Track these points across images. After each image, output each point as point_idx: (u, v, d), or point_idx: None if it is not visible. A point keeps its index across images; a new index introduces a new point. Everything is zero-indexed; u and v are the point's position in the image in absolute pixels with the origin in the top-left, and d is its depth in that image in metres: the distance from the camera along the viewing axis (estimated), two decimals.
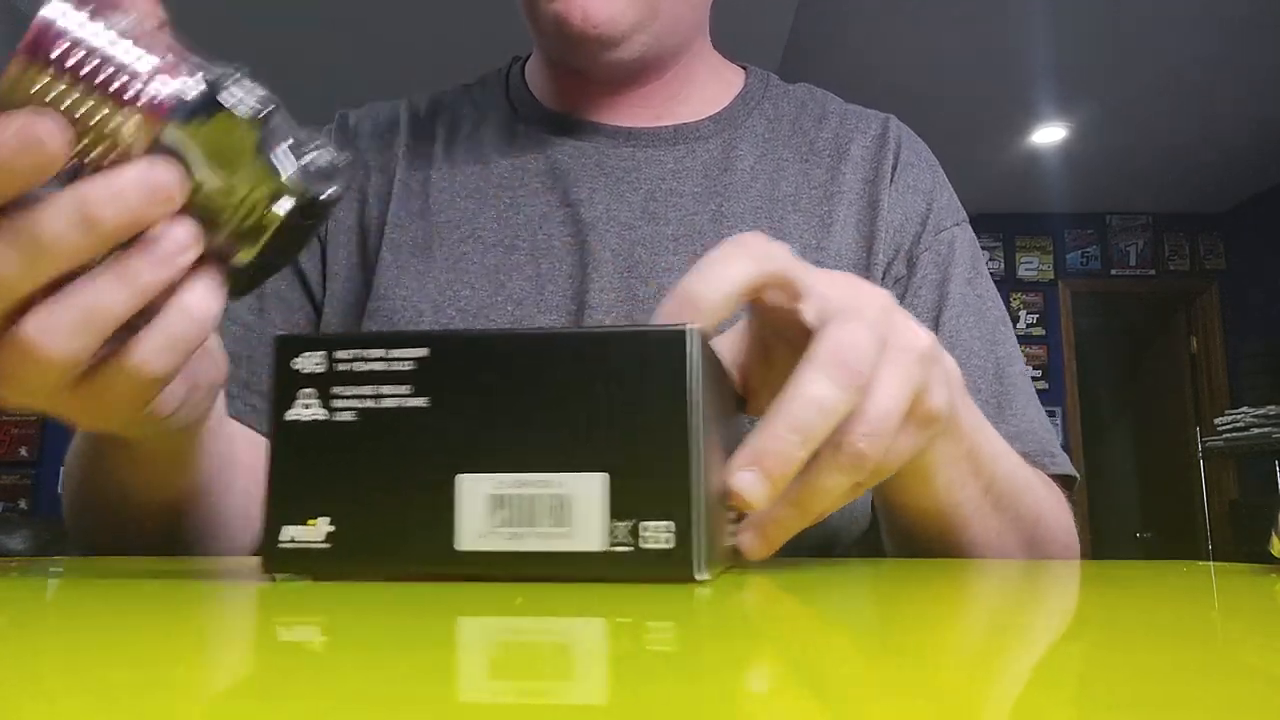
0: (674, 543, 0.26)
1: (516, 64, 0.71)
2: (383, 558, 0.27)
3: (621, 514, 0.26)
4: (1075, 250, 4.69)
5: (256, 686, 0.13)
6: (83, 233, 0.28)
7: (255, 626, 0.22)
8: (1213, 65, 3.19)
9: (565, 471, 0.26)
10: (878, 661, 0.16)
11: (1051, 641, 0.20)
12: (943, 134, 3.89)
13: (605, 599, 0.24)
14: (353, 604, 0.23)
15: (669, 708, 0.11)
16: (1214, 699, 0.13)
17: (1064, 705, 0.13)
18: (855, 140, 0.65)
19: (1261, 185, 4.31)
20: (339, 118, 0.69)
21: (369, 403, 0.27)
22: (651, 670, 0.14)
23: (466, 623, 0.21)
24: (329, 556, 0.27)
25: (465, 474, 0.26)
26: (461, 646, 0.18)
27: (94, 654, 0.16)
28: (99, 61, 0.27)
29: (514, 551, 0.26)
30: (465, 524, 0.26)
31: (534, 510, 0.26)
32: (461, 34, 2.88)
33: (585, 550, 0.26)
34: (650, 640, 0.18)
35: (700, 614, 0.22)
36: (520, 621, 0.21)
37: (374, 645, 0.17)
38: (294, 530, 0.27)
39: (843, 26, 3.01)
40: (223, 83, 0.29)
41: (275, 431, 0.28)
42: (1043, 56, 3.17)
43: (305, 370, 0.28)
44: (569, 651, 0.17)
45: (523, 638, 0.19)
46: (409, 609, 0.22)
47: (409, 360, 0.27)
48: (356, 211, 0.64)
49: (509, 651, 0.17)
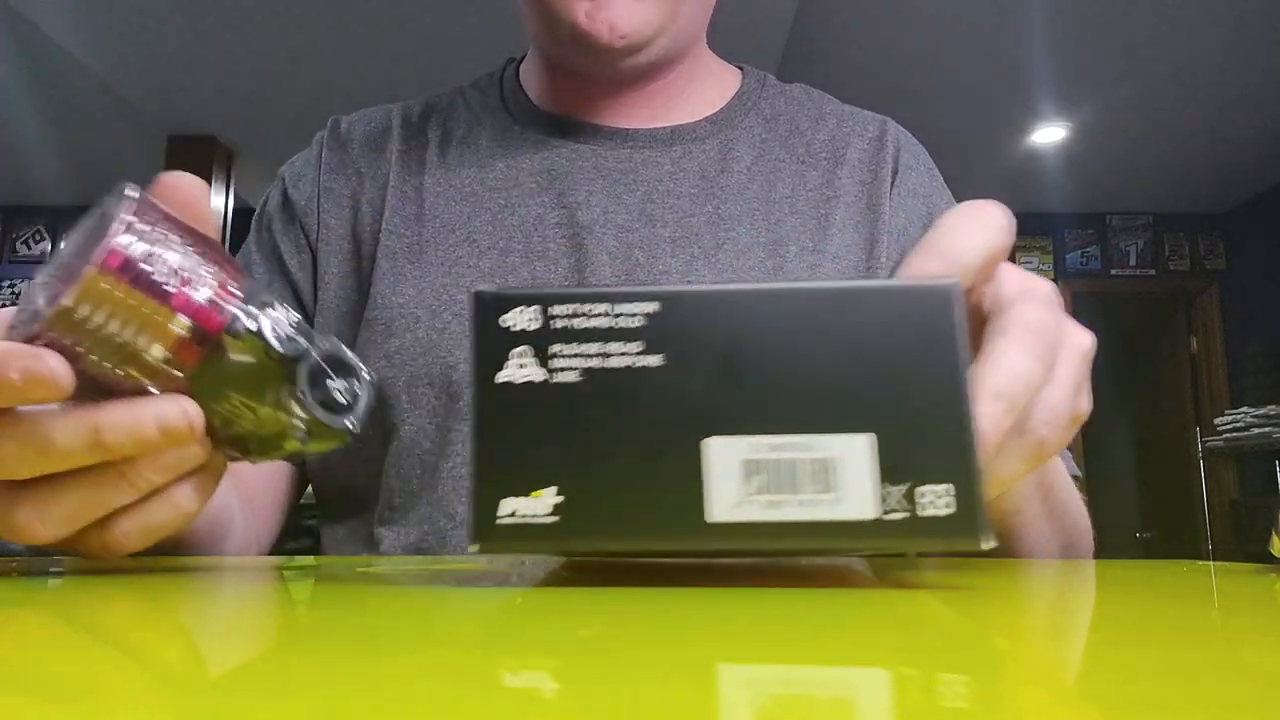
0: (954, 507, 0.23)
1: (511, 66, 0.70)
2: (621, 531, 0.24)
3: (894, 478, 0.24)
4: (1075, 250, 4.69)
5: (257, 685, 0.13)
6: (92, 451, 0.28)
7: (258, 620, 0.22)
8: (1213, 65, 3.19)
9: (826, 433, 0.24)
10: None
11: (1052, 640, 0.20)
12: (943, 134, 3.89)
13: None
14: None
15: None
16: (1214, 699, 0.13)
17: (1063, 704, 0.13)
18: (852, 143, 0.65)
19: (1261, 185, 4.31)
20: (331, 123, 0.68)
21: (594, 361, 0.25)
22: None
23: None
24: (556, 531, 0.24)
25: (713, 437, 0.24)
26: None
27: (94, 654, 0.16)
28: (161, 274, 0.28)
29: (773, 521, 0.24)
30: (716, 493, 0.24)
31: (795, 475, 0.24)
32: (456, 36, 2.88)
33: (856, 518, 0.23)
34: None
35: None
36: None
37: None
38: (515, 503, 0.24)
39: (843, 26, 3.01)
40: (265, 312, 0.30)
41: (484, 394, 0.25)
42: (1043, 56, 3.17)
43: (517, 327, 0.25)
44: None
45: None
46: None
47: (637, 315, 0.25)
48: (349, 219, 0.63)
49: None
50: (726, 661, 0.15)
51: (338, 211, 0.63)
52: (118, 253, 0.27)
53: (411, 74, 3.08)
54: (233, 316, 0.29)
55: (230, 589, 0.29)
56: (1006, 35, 3.04)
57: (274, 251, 0.64)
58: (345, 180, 0.64)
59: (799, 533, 0.24)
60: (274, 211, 0.65)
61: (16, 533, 0.30)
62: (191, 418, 0.28)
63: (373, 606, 0.23)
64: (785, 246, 0.60)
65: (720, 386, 0.24)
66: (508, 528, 0.24)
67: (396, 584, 0.30)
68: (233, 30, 2.90)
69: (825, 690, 0.13)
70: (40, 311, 0.27)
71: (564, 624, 0.20)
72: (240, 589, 0.29)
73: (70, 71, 3.17)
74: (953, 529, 0.23)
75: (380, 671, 0.14)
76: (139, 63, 3.10)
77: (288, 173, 0.67)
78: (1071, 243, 4.68)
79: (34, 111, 3.51)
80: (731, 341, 0.25)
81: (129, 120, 3.55)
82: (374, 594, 0.26)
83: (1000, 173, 4.15)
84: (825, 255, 0.60)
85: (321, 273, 0.62)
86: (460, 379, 0.57)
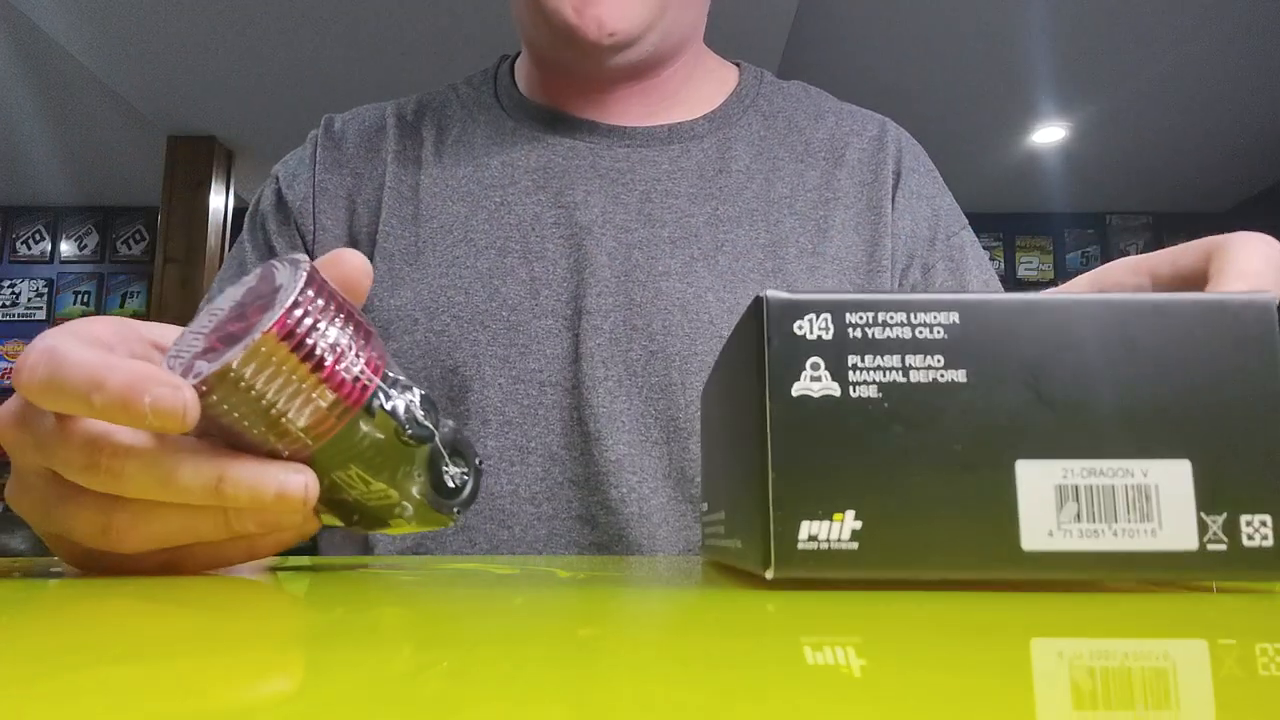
0: (1274, 540, 0.22)
1: (505, 62, 0.69)
2: (927, 559, 0.23)
3: (1213, 506, 0.22)
4: (1075, 250, 4.69)
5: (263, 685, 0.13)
6: (208, 496, 0.28)
7: (257, 620, 0.22)
8: (1213, 65, 3.19)
9: (1141, 457, 0.23)
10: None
11: (1050, 641, 0.20)
12: (943, 134, 3.89)
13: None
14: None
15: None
16: (1213, 698, 0.13)
17: (1063, 704, 0.13)
18: (851, 143, 0.64)
19: (1261, 185, 4.31)
20: (325, 121, 0.67)
21: (895, 375, 0.23)
22: None
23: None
24: (857, 558, 0.23)
25: (1025, 459, 0.23)
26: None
27: (95, 653, 0.16)
28: (321, 348, 0.28)
29: (1089, 551, 0.22)
30: (1029, 519, 0.22)
31: (1114, 503, 0.22)
32: (457, 36, 2.88)
33: (1175, 549, 0.22)
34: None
35: None
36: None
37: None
38: (815, 527, 0.23)
39: (843, 26, 3.01)
40: (402, 394, 0.30)
41: (780, 408, 0.23)
42: (1043, 56, 3.17)
43: (811, 336, 0.23)
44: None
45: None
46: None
47: (938, 327, 0.23)
48: (345, 219, 0.62)
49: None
50: (726, 661, 0.15)
51: (334, 212, 0.63)
52: (288, 324, 0.27)
53: (412, 74, 3.07)
54: (373, 395, 0.29)
55: (229, 588, 0.29)
56: (1006, 35, 3.04)
57: (269, 251, 0.63)
58: (341, 179, 0.64)
59: (1117, 564, 0.22)
60: (268, 211, 0.64)
61: (106, 539, 0.29)
62: (310, 492, 0.28)
63: (372, 606, 0.23)
64: (785, 248, 0.60)
65: (1029, 405, 0.23)
66: (808, 554, 0.23)
67: (395, 584, 0.30)
68: (233, 30, 2.89)
69: (838, 692, 0.13)
70: (197, 368, 0.27)
71: (564, 624, 0.20)
72: (239, 588, 0.29)
73: (70, 71, 3.16)
74: (1276, 562, 0.22)
75: (380, 671, 0.14)
76: (139, 63, 3.10)
77: (281, 171, 0.66)
78: (1071, 243, 4.68)
79: (34, 111, 3.50)
80: (1038, 356, 0.23)
81: (129, 120, 3.55)
82: (373, 594, 0.26)
83: (1000, 173, 4.15)
84: (825, 258, 0.60)
85: None
86: (460, 382, 0.56)
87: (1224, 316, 0.24)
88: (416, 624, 0.20)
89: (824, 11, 2.90)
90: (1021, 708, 0.12)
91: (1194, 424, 0.23)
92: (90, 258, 4.48)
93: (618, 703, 0.12)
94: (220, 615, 0.23)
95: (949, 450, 0.23)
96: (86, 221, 4.49)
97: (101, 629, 0.19)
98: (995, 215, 4.51)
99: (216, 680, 0.14)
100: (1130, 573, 0.22)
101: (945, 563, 0.23)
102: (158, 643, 0.17)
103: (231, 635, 0.19)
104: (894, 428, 0.23)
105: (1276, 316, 0.24)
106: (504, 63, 0.70)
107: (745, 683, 0.13)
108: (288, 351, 0.27)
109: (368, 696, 0.12)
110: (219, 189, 3.76)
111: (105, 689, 0.12)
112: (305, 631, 0.19)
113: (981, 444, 0.23)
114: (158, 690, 0.13)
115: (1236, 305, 0.24)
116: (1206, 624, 0.19)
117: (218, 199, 3.75)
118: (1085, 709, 0.12)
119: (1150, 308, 0.24)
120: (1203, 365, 0.23)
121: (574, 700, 0.12)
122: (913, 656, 0.16)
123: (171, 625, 0.20)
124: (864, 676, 0.14)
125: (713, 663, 0.15)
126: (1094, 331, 0.23)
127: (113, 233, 4.51)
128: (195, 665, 0.15)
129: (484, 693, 0.13)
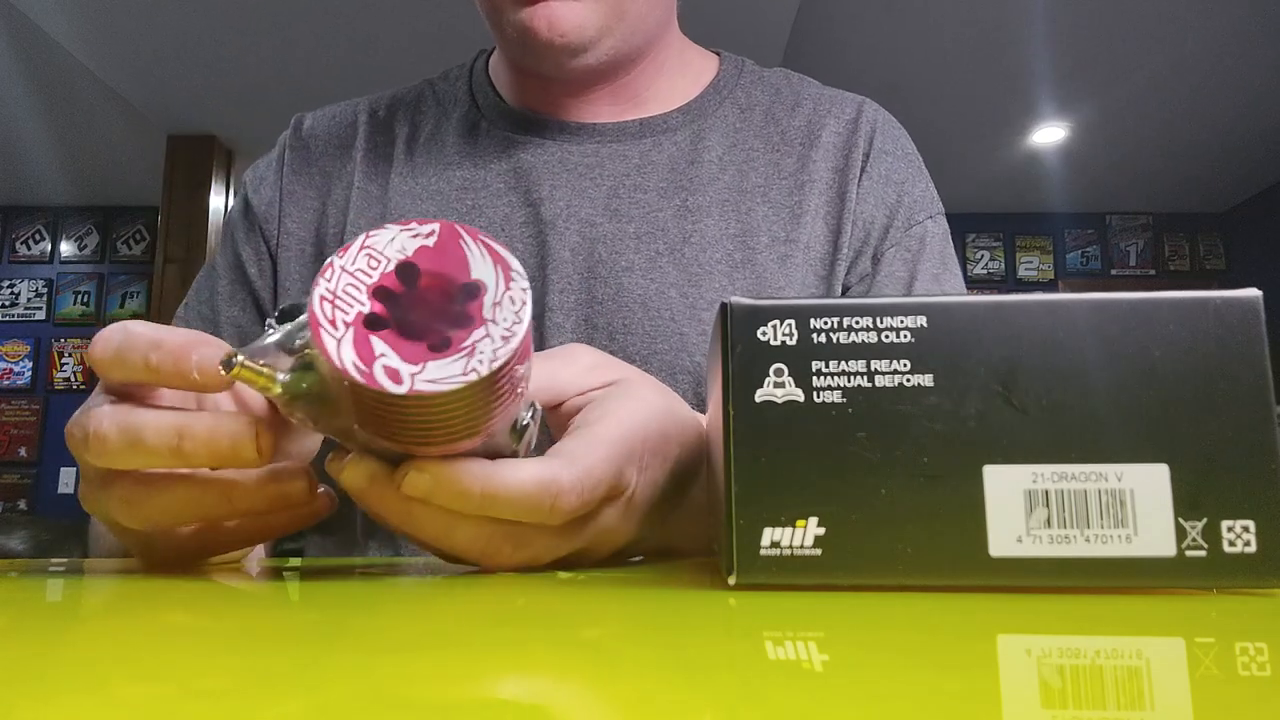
0: (1256, 546, 0.22)
1: (482, 58, 0.68)
2: (893, 565, 0.22)
3: (1191, 512, 0.22)
4: (1075, 250, 4.69)
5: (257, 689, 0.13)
6: (174, 456, 0.28)
7: (256, 621, 0.22)
8: (1213, 66, 3.19)
9: (1116, 462, 0.22)
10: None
11: (1051, 639, 0.19)
12: (943, 134, 3.89)
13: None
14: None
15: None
16: (1213, 698, 0.13)
17: (1061, 703, 0.13)
18: (828, 126, 0.62)
19: (1261, 185, 4.31)
20: (294, 122, 0.66)
21: (859, 380, 0.23)
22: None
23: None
24: (819, 565, 0.22)
25: (993, 465, 0.22)
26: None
27: (94, 654, 0.16)
28: (517, 386, 0.28)
29: (1060, 558, 0.22)
30: (997, 525, 0.22)
31: (1086, 508, 0.22)
32: (458, 36, 2.88)
33: (1151, 555, 0.22)
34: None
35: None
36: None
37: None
38: (777, 533, 0.23)
39: (843, 26, 3.01)
40: (534, 413, 0.31)
41: (742, 415, 0.23)
42: (1043, 56, 3.17)
43: (775, 342, 0.23)
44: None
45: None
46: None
47: (905, 331, 0.23)
48: (313, 222, 0.61)
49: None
50: (726, 661, 0.15)
51: (300, 215, 0.62)
52: (507, 373, 0.26)
53: (413, 74, 3.07)
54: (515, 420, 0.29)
55: (227, 589, 0.28)
56: (1006, 35, 3.04)
57: (236, 260, 0.62)
58: (309, 181, 0.63)
59: (1090, 570, 0.22)
60: (237, 219, 0.64)
61: (107, 515, 0.31)
62: (263, 443, 0.28)
63: (371, 606, 0.23)
64: (756, 237, 0.58)
65: (998, 408, 0.23)
66: (770, 560, 0.23)
67: (395, 584, 0.30)
68: (233, 30, 2.89)
69: (834, 693, 0.13)
70: (391, 360, 0.25)
71: (564, 624, 0.19)
72: (237, 589, 0.29)
73: (70, 71, 3.16)
74: (1259, 569, 0.22)
75: (379, 672, 0.14)
76: (139, 63, 3.10)
77: (250, 177, 0.65)
78: (1071, 243, 4.68)
79: (34, 111, 3.50)
80: (1009, 359, 0.23)
81: (129, 120, 3.55)
82: (372, 594, 0.26)
83: (1000, 173, 4.15)
84: (797, 245, 0.58)
85: (282, 279, 0.60)
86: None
87: (1205, 315, 0.23)
88: (416, 624, 0.20)
89: (824, 11, 2.90)
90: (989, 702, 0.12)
91: (1173, 427, 0.22)
92: (90, 258, 4.48)
93: (618, 703, 0.12)
94: (221, 615, 0.23)
95: (914, 455, 0.23)
96: (86, 221, 4.49)
97: (83, 627, 0.19)
98: (995, 215, 4.51)
99: (218, 679, 0.14)
100: (1105, 580, 0.22)
101: (910, 569, 0.22)
102: (158, 642, 0.17)
103: (231, 636, 0.19)
104: (857, 433, 0.23)
105: (1263, 314, 0.23)
106: (480, 58, 0.69)
107: (739, 681, 0.13)
108: (501, 387, 0.26)
109: (368, 697, 0.12)
110: (219, 189, 3.76)
111: (88, 692, 0.12)
112: (305, 632, 0.19)
113: (948, 449, 0.23)
114: (157, 688, 0.13)
115: (1219, 302, 0.23)
116: (1183, 621, 0.19)
117: (218, 199, 3.75)
118: (1054, 708, 0.12)
119: (1127, 307, 0.23)
120: (1182, 366, 0.23)
121: (574, 700, 0.12)
122: (933, 658, 0.16)
123: (170, 627, 0.20)
124: (863, 677, 0.14)
125: (712, 663, 0.15)
126: (1068, 333, 0.23)
127: (113, 233, 4.50)
128: (191, 665, 0.15)
129: (485, 692, 0.13)
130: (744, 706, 0.12)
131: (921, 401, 0.23)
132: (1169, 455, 0.22)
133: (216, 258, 0.64)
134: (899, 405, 0.23)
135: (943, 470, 0.22)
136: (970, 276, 4.44)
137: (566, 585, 0.25)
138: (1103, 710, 0.12)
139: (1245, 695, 0.13)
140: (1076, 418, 0.22)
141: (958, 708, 0.12)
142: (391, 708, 0.11)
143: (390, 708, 0.11)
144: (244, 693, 0.13)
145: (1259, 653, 0.16)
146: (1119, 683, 0.14)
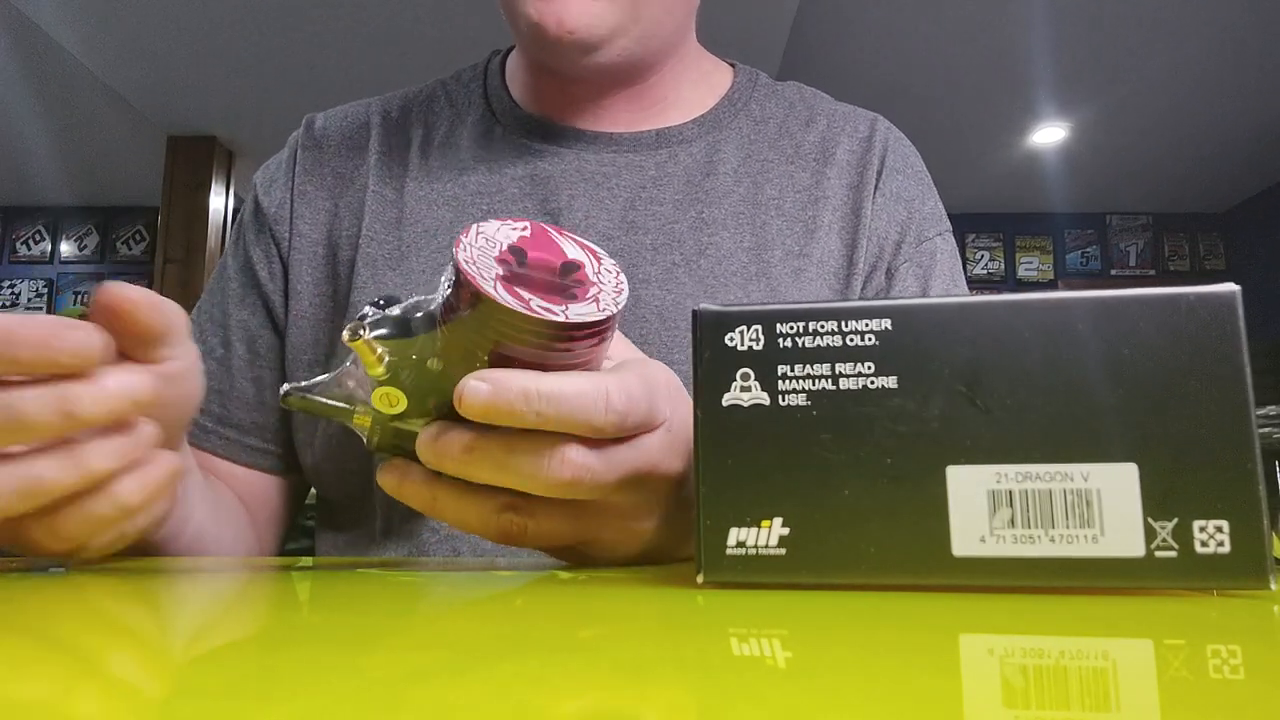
0: (1230, 546, 0.21)
1: (495, 59, 0.68)
2: (854, 565, 0.23)
3: (1161, 512, 0.22)
4: (1075, 250, 4.69)
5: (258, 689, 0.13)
6: (7, 366, 0.28)
7: (257, 621, 0.22)
8: (1212, 66, 3.19)
9: (1082, 461, 0.22)
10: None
11: (1014, 639, 0.19)
12: (943, 134, 3.89)
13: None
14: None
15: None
16: (1212, 698, 0.13)
17: (1024, 703, 0.13)
18: (842, 143, 0.63)
19: (1261, 185, 4.31)
20: (305, 122, 0.66)
21: (824, 384, 0.23)
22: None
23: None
24: (784, 564, 0.23)
25: (956, 465, 0.22)
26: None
27: (94, 653, 0.16)
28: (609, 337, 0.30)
29: (1025, 558, 0.22)
30: (960, 525, 0.22)
31: (1050, 508, 0.22)
32: (459, 36, 2.88)
33: (1120, 556, 0.22)
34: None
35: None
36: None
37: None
38: (743, 533, 0.23)
39: (843, 26, 3.01)
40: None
41: (709, 418, 0.24)
42: (1043, 56, 3.17)
43: (742, 347, 0.24)
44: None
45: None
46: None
47: (870, 334, 0.23)
48: (326, 224, 0.61)
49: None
50: (726, 661, 0.15)
51: (313, 217, 0.61)
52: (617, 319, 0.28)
53: (413, 74, 3.07)
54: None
55: (229, 590, 0.29)
56: (1006, 35, 3.03)
57: (247, 263, 0.62)
58: (321, 183, 0.62)
59: (1055, 570, 0.22)
60: (248, 221, 0.63)
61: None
62: (96, 339, 0.29)
63: (372, 607, 0.23)
64: (770, 250, 0.58)
65: (962, 409, 0.23)
66: (736, 559, 0.23)
67: (396, 585, 0.30)
68: (233, 30, 2.89)
69: (829, 693, 0.13)
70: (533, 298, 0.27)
71: (564, 624, 0.19)
72: (239, 589, 0.29)
73: (70, 71, 3.16)
74: (1231, 570, 0.22)
75: (380, 672, 0.14)
76: (139, 63, 3.10)
77: (260, 179, 0.65)
78: (1071, 243, 4.68)
79: (35, 112, 3.50)
80: (974, 359, 0.23)
81: (129, 120, 3.55)
82: (373, 594, 0.26)
83: (1000, 173, 4.15)
84: (810, 259, 0.59)
85: (294, 282, 0.60)
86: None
87: (1178, 312, 0.23)
88: (417, 624, 0.20)
89: (824, 11, 2.90)
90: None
91: (1142, 426, 0.22)
92: (90, 258, 4.48)
93: (618, 703, 0.12)
94: (219, 615, 0.23)
95: (878, 456, 0.23)
96: (86, 222, 4.49)
97: (82, 627, 0.19)
98: (995, 215, 4.51)
99: (216, 681, 0.14)
100: (1072, 580, 0.22)
101: (874, 569, 0.23)
102: (158, 642, 0.17)
103: (231, 635, 0.19)
104: (821, 435, 0.23)
105: (1240, 309, 0.23)
106: (494, 59, 0.68)
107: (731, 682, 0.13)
108: (610, 333, 0.29)
109: (368, 698, 0.12)
110: (219, 189, 3.76)
111: (87, 692, 0.12)
112: (305, 633, 0.19)
113: (912, 450, 0.23)
114: (157, 689, 0.13)
115: (1193, 299, 0.23)
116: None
117: (218, 199, 3.75)
118: (1017, 707, 0.12)
119: (1094, 306, 0.23)
120: (1153, 364, 0.22)
121: (574, 701, 0.12)
122: (895, 657, 0.16)
123: (169, 627, 0.20)
124: (862, 680, 0.14)
125: (710, 664, 0.15)
126: (1034, 333, 0.23)
127: (113, 233, 4.51)
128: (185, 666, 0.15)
129: (485, 693, 0.13)
130: (706, 703, 0.12)
131: (885, 403, 0.23)
132: (1138, 455, 0.22)
133: (227, 260, 0.64)
134: (863, 407, 0.23)
135: (906, 471, 0.23)
136: (970, 277, 4.44)
137: (567, 585, 0.25)
138: (1066, 710, 0.12)
139: (1214, 698, 0.13)
140: (1041, 418, 0.22)
141: (919, 706, 0.12)
142: (391, 708, 0.11)
143: (390, 708, 0.11)
144: (244, 693, 0.13)
145: (1231, 655, 0.16)
146: (1083, 683, 0.14)
